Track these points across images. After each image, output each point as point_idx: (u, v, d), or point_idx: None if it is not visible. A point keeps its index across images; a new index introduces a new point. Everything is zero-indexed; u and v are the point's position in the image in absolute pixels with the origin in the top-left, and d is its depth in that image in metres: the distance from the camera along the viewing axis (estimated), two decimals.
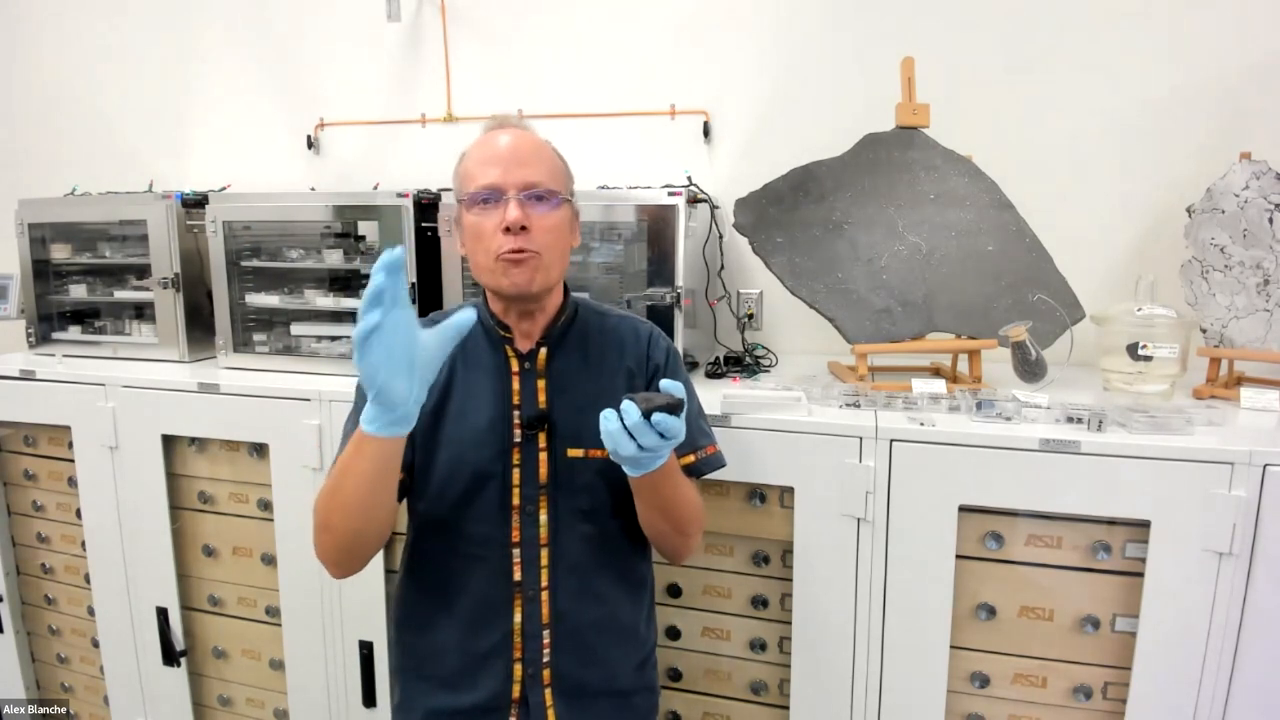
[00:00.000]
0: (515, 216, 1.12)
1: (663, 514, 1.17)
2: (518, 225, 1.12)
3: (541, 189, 1.15)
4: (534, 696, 1.19)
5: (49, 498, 2.11)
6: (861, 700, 1.50)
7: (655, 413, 0.97)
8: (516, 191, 1.14)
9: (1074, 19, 1.89)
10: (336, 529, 1.09)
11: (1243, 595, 1.29)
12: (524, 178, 1.14)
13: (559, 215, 1.17)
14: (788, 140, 2.01)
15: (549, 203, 1.16)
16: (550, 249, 1.16)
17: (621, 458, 1.02)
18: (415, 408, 0.99)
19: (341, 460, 1.07)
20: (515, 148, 1.17)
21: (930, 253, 1.71)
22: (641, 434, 0.98)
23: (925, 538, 1.42)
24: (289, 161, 2.49)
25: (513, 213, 1.12)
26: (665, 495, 1.14)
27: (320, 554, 1.12)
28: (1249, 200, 1.62)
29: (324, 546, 1.11)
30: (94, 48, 2.64)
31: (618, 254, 1.87)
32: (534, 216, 1.14)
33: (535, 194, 1.15)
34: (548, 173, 1.17)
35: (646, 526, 1.20)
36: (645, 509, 1.17)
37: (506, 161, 1.15)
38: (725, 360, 1.95)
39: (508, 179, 1.14)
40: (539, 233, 1.14)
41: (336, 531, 1.09)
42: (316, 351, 1.99)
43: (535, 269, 1.15)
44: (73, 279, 2.23)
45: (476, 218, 1.15)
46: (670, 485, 1.14)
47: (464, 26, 2.30)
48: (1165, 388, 1.59)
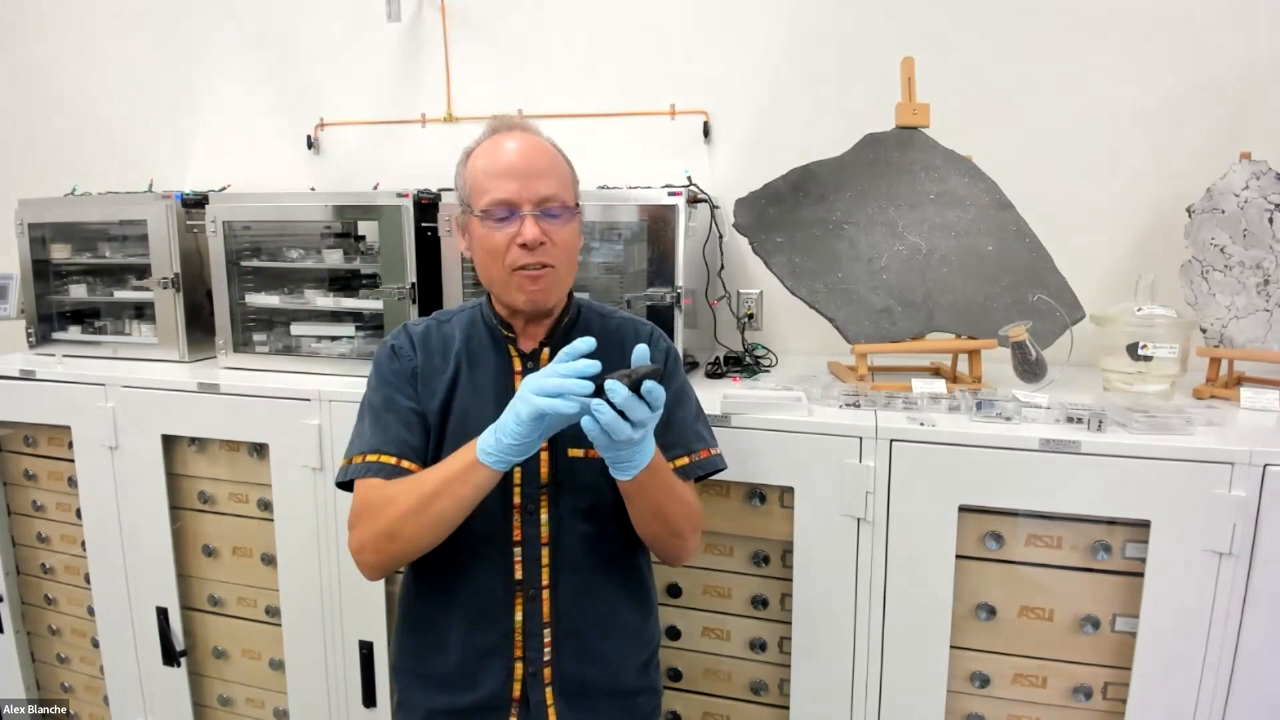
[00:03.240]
0: (534, 235, 1.12)
1: (655, 516, 1.15)
2: (536, 243, 1.12)
3: (557, 204, 1.15)
4: (534, 696, 1.20)
5: (49, 498, 2.11)
6: (861, 700, 1.50)
7: (642, 382, 0.96)
8: (532, 207, 1.13)
9: (1074, 19, 1.89)
10: (410, 540, 1.10)
11: (1243, 595, 1.29)
12: (539, 192, 1.13)
13: (573, 228, 1.18)
14: (788, 140, 2.01)
15: (564, 216, 1.16)
16: (564, 261, 1.17)
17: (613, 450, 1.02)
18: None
19: (434, 482, 1.07)
20: (529, 158, 1.15)
21: (930, 253, 1.71)
22: (632, 408, 0.96)
23: (925, 538, 1.42)
24: (289, 161, 2.50)
25: (531, 231, 1.12)
26: (656, 498, 1.13)
27: (371, 558, 1.13)
28: (1249, 200, 1.62)
29: (380, 553, 1.12)
30: (94, 48, 2.64)
31: (618, 254, 1.87)
32: (550, 230, 1.14)
33: (551, 210, 1.14)
34: (560, 184, 1.17)
35: (641, 531, 1.19)
36: (637, 512, 1.15)
37: (521, 174, 1.13)
38: (725, 360, 1.95)
39: (523, 194, 1.13)
40: (554, 247, 1.14)
41: (410, 544, 1.10)
42: (316, 351, 1.99)
43: (551, 284, 1.15)
44: (73, 279, 2.23)
45: (489, 231, 1.14)
46: (661, 487, 1.13)
47: (464, 26, 2.30)
48: (1165, 388, 1.59)
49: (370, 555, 1.12)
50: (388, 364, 1.22)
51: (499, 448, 1.03)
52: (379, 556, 1.12)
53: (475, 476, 1.05)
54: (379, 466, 1.15)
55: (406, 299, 1.85)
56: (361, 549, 1.13)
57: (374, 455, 1.16)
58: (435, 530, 1.09)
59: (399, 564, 1.16)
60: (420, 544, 1.11)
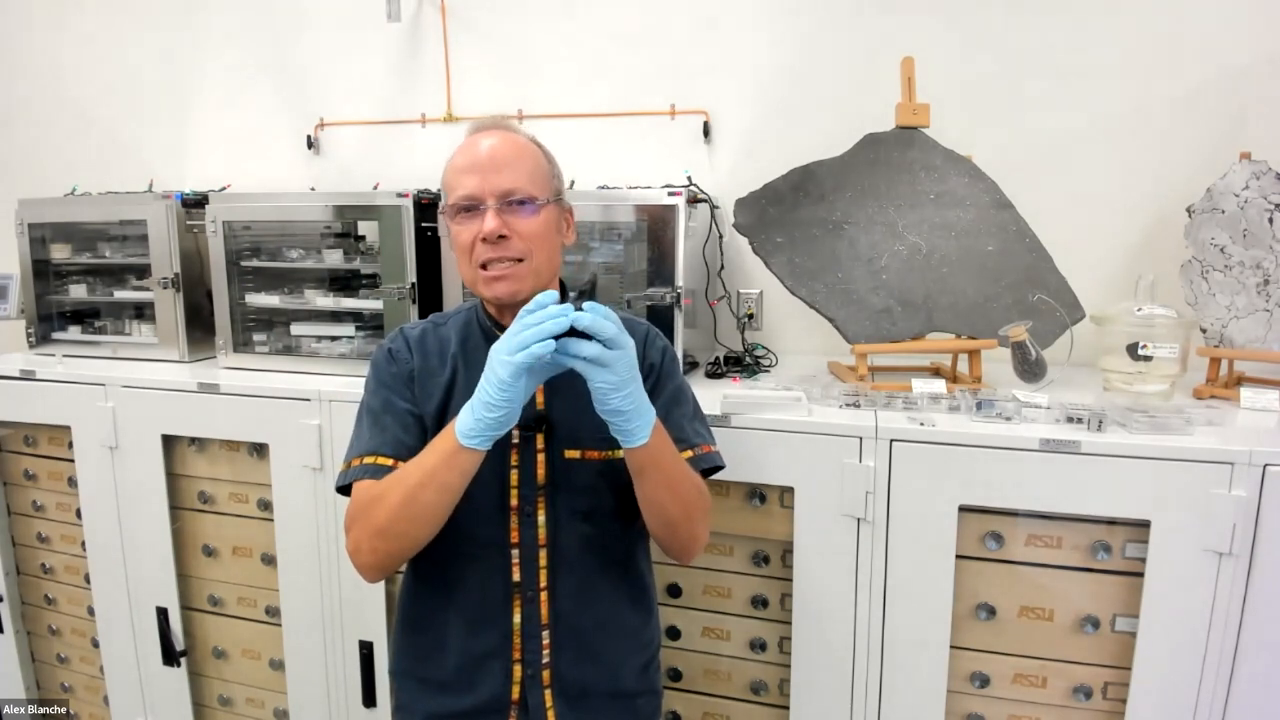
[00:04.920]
0: (491, 227, 1.12)
1: (670, 492, 1.13)
2: (494, 235, 1.12)
3: (519, 194, 1.14)
4: (533, 698, 1.19)
5: (49, 498, 2.11)
6: (861, 700, 1.50)
7: (578, 302, 0.99)
8: (495, 200, 1.13)
9: (1074, 19, 1.89)
10: (403, 536, 1.09)
11: (1243, 595, 1.29)
12: (500, 185, 1.13)
13: (542, 219, 1.16)
14: (788, 140, 2.01)
15: (529, 207, 1.15)
16: (535, 254, 1.16)
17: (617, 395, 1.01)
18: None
19: (419, 472, 1.07)
20: (493, 153, 1.15)
21: (930, 253, 1.71)
22: (600, 328, 0.97)
23: (925, 538, 1.42)
24: (289, 161, 2.50)
25: (489, 223, 1.12)
26: (669, 471, 1.12)
27: (368, 559, 1.12)
28: (1249, 200, 1.62)
29: (376, 552, 1.11)
30: (94, 48, 2.64)
31: (618, 254, 1.87)
32: (514, 223, 1.13)
33: (513, 200, 1.14)
34: (527, 176, 1.16)
35: (655, 518, 1.16)
36: (652, 491, 1.13)
37: (484, 169, 1.14)
38: (725, 360, 1.95)
39: (484, 187, 1.13)
40: (520, 239, 1.14)
41: (403, 539, 1.10)
42: (316, 351, 1.99)
43: (520, 278, 1.15)
44: (73, 279, 2.23)
45: (458, 227, 1.15)
46: (672, 456, 1.12)
47: (464, 26, 2.30)
48: (1165, 388, 1.59)
49: (366, 556, 1.12)
50: (385, 367, 1.22)
51: (480, 425, 1.01)
52: (375, 556, 1.12)
53: (458, 461, 1.04)
54: (375, 468, 1.15)
55: (406, 299, 1.85)
56: (357, 550, 1.12)
57: (370, 458, 1.16)
58: (426, 523, 1.08)
59: (396, 562, 1.15)
60: (413, 539, 1.10)
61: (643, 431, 1.05)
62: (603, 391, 1.00)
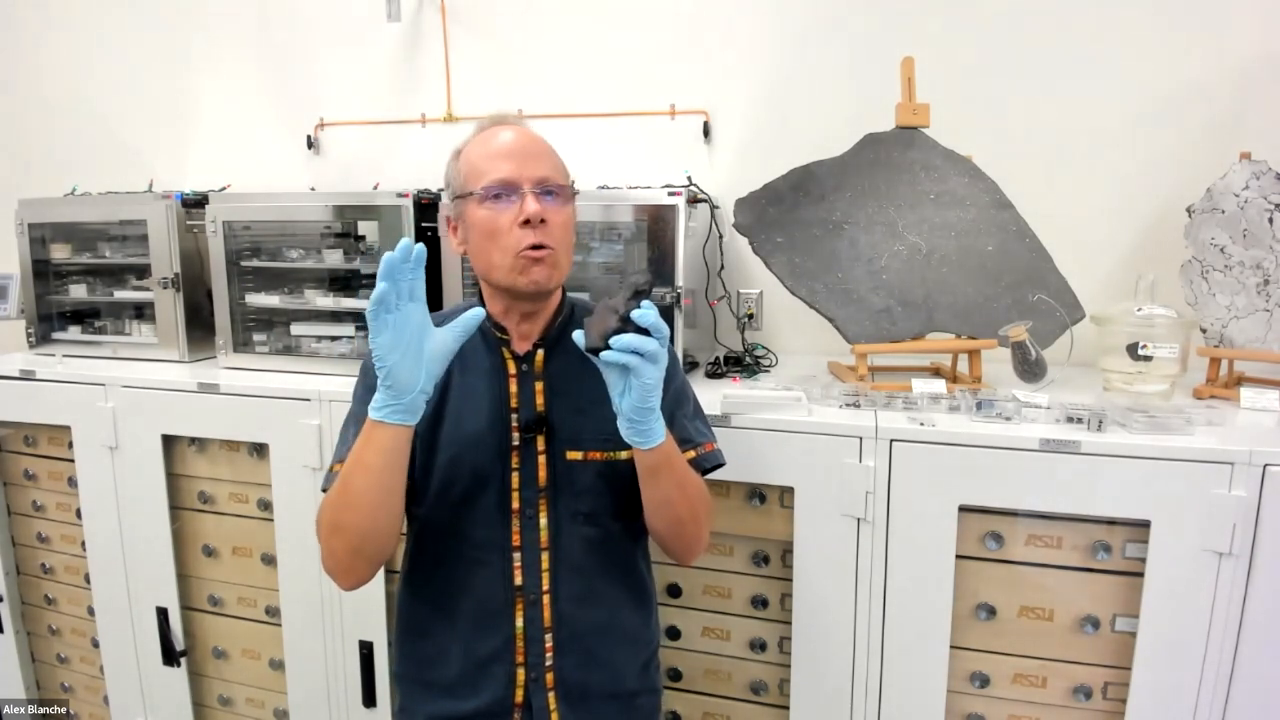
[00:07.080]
0: (535, 209, 1.11)
1: (681, 491, 1.13)
2: (538, 219, 1.11)
3: (554, 184, 1.15)
4: (537, 701, 1.19)
5: (49, 498, 2.11)
6: (861, 700, 1.50)
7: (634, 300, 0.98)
8: (532, 186, 1.13)
9: (1074, 19, 1.89)
10: (348, 529, 1.08)
11: (1243, 595, 1.29)
12: (537, 172, 1.14)
13: (569, 211, 1.17)
14: (788, 140, 2.01)
15: (561, 198, 1.15)
16: (562, 245, 1.16)
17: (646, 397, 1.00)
18: (423, 398, 1.02)
19: (351, 457, 1.07)
20: (524, 143, 1.16)
21: (930, 253, 1.71)
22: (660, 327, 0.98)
23: (925, 538, 1.42)
24: (289, 161, 2.49)
25: (532, 206, 1.11)
26: (680, 470, 1.12)
27: (330, 563, 1.11)
28: (1249, 200, 1.62)
29: (334, 552, 1.10)
30: (94, 48, 2.64)
31: (618, 254, 1.87)
32: (548, 212, 1.13)
33: (549, 188, 1.14)
34: (554, 168, 1.17)
35: (663, 519, 1.16)
36: (661, 492, 1.12)
37: (519, 156, 1.14)
38: (725, 360, 1.95)
39: (523, 173, 1.13)
40: (554, 229, 1.14)
41: (348, 532, 1.08)
42: (316, 351, 1.99)
43: (553, 265, 1.14)
44: (73, 279, 2.23)
45: (489, 213, 1.13)
46: (680, 460, 1.13)
47: (464, 26, 2.30)
48: (1165, 388, 1.59)
49: (328, 560, 1.11)
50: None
51: (381, 398, 1.01)
52: (334, 559, 1.10)
53: (374, 439, 1.03)
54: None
55: None
56: (324, 556, 1.12)
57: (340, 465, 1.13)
58: (363, 511, 1.06)
59: (357, 562, 1.11)
60: (359, 531, 1.08)
61: (660, 431, 1.05)
62: (647, 389, 1.00)
